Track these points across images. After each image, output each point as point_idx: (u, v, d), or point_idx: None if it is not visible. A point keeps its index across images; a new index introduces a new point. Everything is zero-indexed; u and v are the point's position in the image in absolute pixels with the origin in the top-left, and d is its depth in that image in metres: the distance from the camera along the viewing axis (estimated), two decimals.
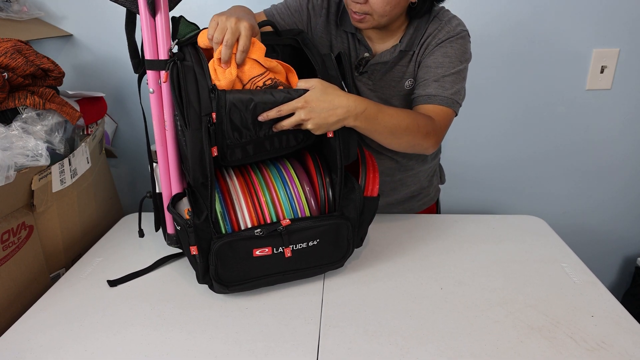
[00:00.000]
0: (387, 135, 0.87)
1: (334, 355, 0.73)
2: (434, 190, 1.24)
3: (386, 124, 0.85)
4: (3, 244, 0.89)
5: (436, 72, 0.95)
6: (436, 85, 0.94)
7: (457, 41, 0.96)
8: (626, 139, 1.49)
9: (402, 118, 0.87)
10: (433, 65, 0.95)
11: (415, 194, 1.20)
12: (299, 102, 0.78)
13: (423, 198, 1.21)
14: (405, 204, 1.20)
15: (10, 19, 1.28)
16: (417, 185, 1.18)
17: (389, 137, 0.88)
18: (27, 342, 0.78)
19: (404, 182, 1.16)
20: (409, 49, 0.99)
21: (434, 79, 0.95)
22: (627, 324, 0.78)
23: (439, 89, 0.94)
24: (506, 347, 0.73)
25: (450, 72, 0.94)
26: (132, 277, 0.95)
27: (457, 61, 0.95)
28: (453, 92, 0.94)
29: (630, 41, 1.37)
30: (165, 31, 0.81)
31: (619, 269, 1.68)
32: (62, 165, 1.02)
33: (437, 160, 1.22)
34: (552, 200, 1.59)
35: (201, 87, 0.77)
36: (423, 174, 1.18)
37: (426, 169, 1.18)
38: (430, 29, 0.97)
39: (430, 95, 0.94)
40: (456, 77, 0.95)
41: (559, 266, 0.95)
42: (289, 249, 0.83)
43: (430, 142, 0.91)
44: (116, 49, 1.44)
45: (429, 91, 0.94)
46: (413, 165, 1.14)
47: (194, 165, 0.79)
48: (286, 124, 0.79)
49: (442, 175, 1.28)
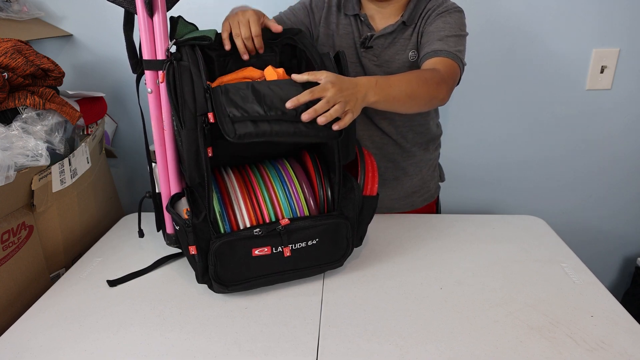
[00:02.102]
0: (406, 98, 0.86)
1: (333, 355, 0.72)
2: (435, 186, 1.26)
3: (400, 88, 0.85)
4: (3, 244, 0.89)
5: (439, 34, 0.98)
6: (440, 43, 0.97)
7: (456, 14, 1.02)
8: (626, 139, 1.49)
9: (410, 77, 0.88)
10: (435, 30, 1.00)
11: (417, 189, 1.21)
12: (327, 84, 0.75)
13: (424, 194, 1.23)
14: (407, 199, 1.21)
15: (10, 19, 1.28)
16: (418, 177, 1.20)
17: (408, 100, 0.87)
18: (27, 342, 0.78)
19: (406, 172, 1.18)
20: (410, 22, 1.04)
21: (437, 38, 0.98)
22: (627, 324, 0.78)
23: (443, 45, 0.97)
24: (506, 347, 0.73)
25: (452, 34, 0.99)
26: (132, 277, 0.95)
27: (457, 28, 1.00)
28: (457, 50, 0.97)
29: (630, 41, 1.37)
30: (162, 31, 0.82)
31: (619, 269, 1.68)
32: (62, 165, 1.02)
33: (437, 153, 1.25)
34: (552, 200, 1.59)
35: (197, 87, 0.77)
36: (425, 165, 1.20)
37: (428, 159, 1.20)
38: (430, 4, 1.04)
39: (435, 50, 0.97)
40: (458, 39, 0.99)
41: (559, 266, 0.95)
42: (288, 248, 0.83)
43: (443, 91, 0.91)
44: (116, 49, 1.44)
45: (434, 47, 0.97)
46: (415, 152, 1.17)
47: (189, 165, 0.80)
48: (321, 120, 0.75)
49: (442, 173, 1.30)
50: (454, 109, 1.48)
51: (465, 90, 1.45)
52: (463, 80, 1.02)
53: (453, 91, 0.96)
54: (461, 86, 1.42)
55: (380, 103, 0.84)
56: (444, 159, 1.32)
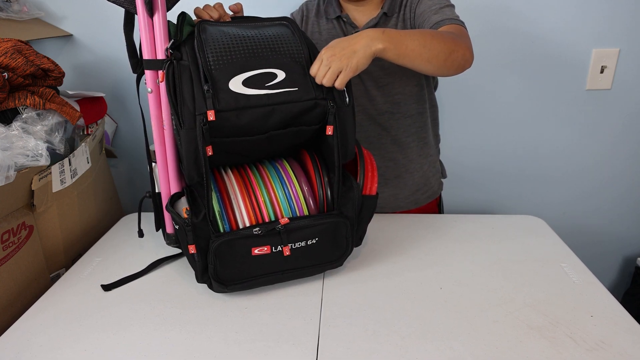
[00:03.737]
0: (421, 48, 0.82)
1: (333, 354, 0.72)
2: (437, 183, 1.27)
3: (413, 37, 0.82)
4: (3, 244, 0.89)
5: (432, 9, 0.99)
6: (437, 16, 0.97)
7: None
8: (626, 139, 1.49)
9: (423, 32, 0.85)
10: (426, 8, 1.00)
11: (420, 186, 1.22)
12: (322, 50, 0.80)
13: (427, 191, 1.24)
14: (411, 196, 1.22)
15: (10, 19, 1.28)
16: (419, 174, 1.20)
17: (424, 50, 0.82)
18: (27, 342, 0.78)
19: (407, 169, 1.19)
20: (392, 12, 1.06)
21: (433, 13, 0.98)
22: (627, 324, 0.78)
23: (442, 16, 0.97)
24: (506, 347, 0.73)
25: (444, 5, 0.99)
26: (127, 281, 0.94)
27: (445, 0, 1.01)
28: (455, 16, 0.97)
29: (630, 41, 1.37)
30: (163, 31, 0.82)
31: (618, 269, 1.68)
32: (62, 165, 1.02)
33: (437, 149, 1.26)
34: (552, 200, 1.59)
35: (196, 86, 0.77)
36: (425, 162, 1.20)
37: (427, 155, 1.20)
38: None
39: (436, 22, 0.96)
40: (451, 8, 0.99)
41: (559, 266, 0.95)
42: (288, 247, 0.83)
43: (462, 46, 0.87)
44: (116, 49, 1.44)
45: (433, 20, 0.97)
46: (414, 149, 1.17)
47: (188, 164, 0.80)
48: (326, 80, 0.78)
49: (444, 170, 1.30)
50: (454, 109, 1.48)
51: (465, 90, 1.45)
52: (463, 80, 1.02)
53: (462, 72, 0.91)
54: (461, 86, 1.44)
55: (391, 51, 0.80)
56: (445, 159, 1.32)
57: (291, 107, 0.79)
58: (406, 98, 1.12)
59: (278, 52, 0.83)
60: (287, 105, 0.79)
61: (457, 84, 1.44)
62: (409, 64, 0.84)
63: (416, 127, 1.16)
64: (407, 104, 1.13)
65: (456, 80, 1.43)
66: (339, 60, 0.78)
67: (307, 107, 0.80)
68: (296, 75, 0.81)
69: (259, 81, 0.79)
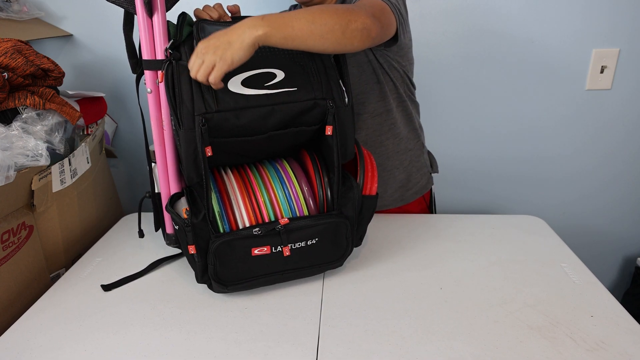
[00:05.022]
0: (309, 25, 0.74)
1: (333, 354, 0.72)
2: (425, 179, 1.21)
3: (298, 16, 0.75)
4: (3, 244, 0.89)
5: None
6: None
7: None
8: (626, 139, 1.49)
9: (311, 8, 0.78)
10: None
11: (404, 183, 1.18)
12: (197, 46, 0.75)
13: (413, 187, 1.19)
14: (395, 194, 1.18)
15: (10, 19, 1.28)
16: (400, 170, 1.16)
17: (313, 26, 0.74)
18: (27, 342, 0.78)
19: (384, 167, 1.14)
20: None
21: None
22: (627, 324, 0.78)
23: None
24: (506, 347, 0.73)
25: None
26: (126, 281, 0.94)
27: None
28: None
29: (630, 41, 1.37)
30: (162, 31, 0.82)
31: (618, 269, 1.68)
32: (62, 165, 1.02)
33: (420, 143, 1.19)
34: (552, 200, 1.59)
35: (195, 87, 0.77)
36: (404, 157, 1.15)
37: (405, 150, 1.15)
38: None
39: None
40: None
41: (559, 266, 0.95)
42: (288, 247, 0.83)
43: (361, 16, 0.77)
44: (116, 49, 1.44)
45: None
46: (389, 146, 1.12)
47: (187, 164, 0.80)
48: (200, 75, 0.74)
49: (434, 164, 1.25)
50: (453, 109, 1.48)
51: (465, 89, 1.45)
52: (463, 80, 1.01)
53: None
54: (461, 86, 1.44)
55: (275, 36, 0.74)
56: (444, 159, 1.31)
57: (291, 107, 0.79)
58: (369, 97, 1.08)
59: (277, 52, 0.83)
60: (286, 106, 0.79)
61: (457, 84, 1.44)
62: (303, 46, 0.76)
63: (388, 124, 1.11)
64: (371, 103, 1.08)
65: (456, 80, 1.43)
66: (213, 53, 0.72)
67: (307, 107, 0.80)
68: (295, 75, 0.81)
69: (258, 81, 0.79)
